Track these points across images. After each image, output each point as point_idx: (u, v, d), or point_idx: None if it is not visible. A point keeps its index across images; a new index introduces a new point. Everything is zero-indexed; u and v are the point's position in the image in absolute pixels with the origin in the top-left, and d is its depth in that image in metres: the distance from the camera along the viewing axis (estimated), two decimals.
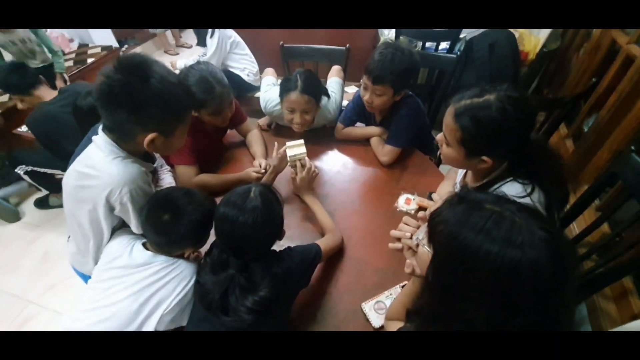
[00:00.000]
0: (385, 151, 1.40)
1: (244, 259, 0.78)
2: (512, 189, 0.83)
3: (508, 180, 0.85)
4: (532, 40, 2.16)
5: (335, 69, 1.69)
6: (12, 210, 2.19)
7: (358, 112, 1.51)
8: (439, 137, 0.91)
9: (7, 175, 2.28)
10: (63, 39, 3.20)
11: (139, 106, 0.76)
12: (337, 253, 1.08)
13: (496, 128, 0.77)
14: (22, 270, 1.94)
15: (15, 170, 1.95)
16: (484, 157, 0.82)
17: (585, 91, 1.76)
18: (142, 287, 0.84)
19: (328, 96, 1.50)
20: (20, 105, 1.86)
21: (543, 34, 2.20)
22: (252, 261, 0.79)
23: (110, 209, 0.86)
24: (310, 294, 0.99)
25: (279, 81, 1.47)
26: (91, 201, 0.84)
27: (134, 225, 0.90)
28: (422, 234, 0.62)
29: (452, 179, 1.24)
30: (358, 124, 1.56)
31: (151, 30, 3.93)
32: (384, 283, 1.00)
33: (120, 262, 0.88)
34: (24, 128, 2.31)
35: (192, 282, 0.88)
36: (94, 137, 0.86)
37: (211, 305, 0.78)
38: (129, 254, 0.88)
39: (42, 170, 1.96)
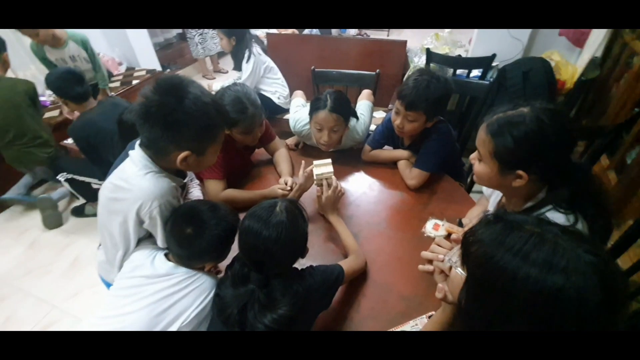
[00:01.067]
0: (413, 174, 1.36)
1: (265, 274, 0.77)
2: (553, 217, 0.77)
3: (549, 208, 0.79)
4: (570, 69, 2.10)
5: (366, 92, 1.71)
6: (59, 217, 2.30)
7: (387, 135, 1.50)
8: (472, 155, 0.88)
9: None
10: (113, 62, 3.48)
11: (173, 125, 0.79)
12: (361, 276, 1.04)
13: (531, 137, 0.73)
14: (52, 275, 2.01)
15: (57, 177, 2.08)
16: (520, 172, 0.77)
17: (627, 121, 1.66)
18: (162, 297, 0.83)
19: (357, 118, 1.51)
20: (66, 110, 2.02)
21: (581, 62, 2.14)
22: (273, 277, 0.77)
23: (140, 222, 0.88)
24: (330, 317, 0.94)
25: (308, 103, 1.50)
26: (122, 213, 0.86)
27: (160, 239, 0.91)
28: (455, 256, 0.58)
29: (484, 205, 1.18)
30: (386, 147, 1.55)
31: (194, 55, 4.21)
32: (409, 312, 0.94)
33: (142, 271, 0.88)
34: (69, 140, 2.48)
35: (212, 295, 0.87)
36: (130, 152, 0.89)
37: (229, 320, 0.76)
38: (151, 264, 0.89)
39: (81, 178, 2.08)
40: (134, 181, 0.85)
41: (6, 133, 1.99)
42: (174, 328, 0.82)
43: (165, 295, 0.84)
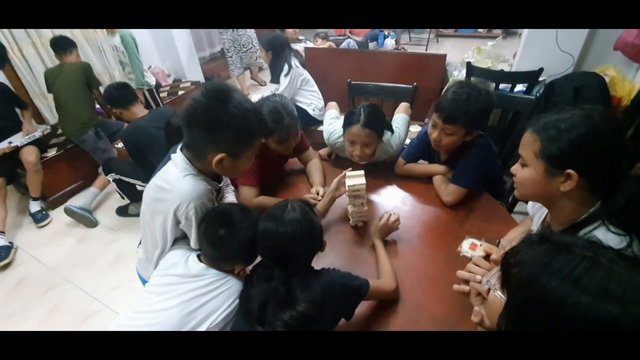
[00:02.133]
0: (449, 190, 1.31)
1: (286, 270, 0.80)
2: (605, 238, 0.70)
3: (598, 224, 0.72)
4: (626, 85, 1.94)
5: (404, 105, 1.68)
6: (90, 219, 2.48)
7: (422, 149, 1.46)
8: (514, 166, 0.84)
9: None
10: (162, 74, 3.75)
11: (215, 126, 0.83)
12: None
13: (579, 131, 0.70)
14: (96, 268, 2.15)
15: (107, 176, 2.24)
16: (569, 171, 0.72)
17: None
18: (193, 297, 0.86)
19: (392, 131, 1.49)
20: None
21: (639, 78, 1.97)
22: (294, 274, 0.80)
23: (177, 222, 0.92)
24: (354, 330, 0.92)
25: (342, 115, 1.50)
26: (163, 213, 0.91)
27: (193, 240, 0.94)
28: (494, 278, 0.54)
29: (527, 225, 1.10)
30: (421, 161, 1.51)
31: (231, 75, 4.42)
32: None
33: (176, 270, 0.92)
34: (119, 145, 2.69)
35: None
36: (172, 155, 0.94)
37: (249, 315, 0.79)
38: (185, 264, 0.92)
39: (127, 179, 2.23)
40: (174, 182, 0.89)
41: (66, 106, 2.47)
42: (202, 328, 0.83)
43: (196, 295, 0.86)
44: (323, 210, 1.28)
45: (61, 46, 2.52)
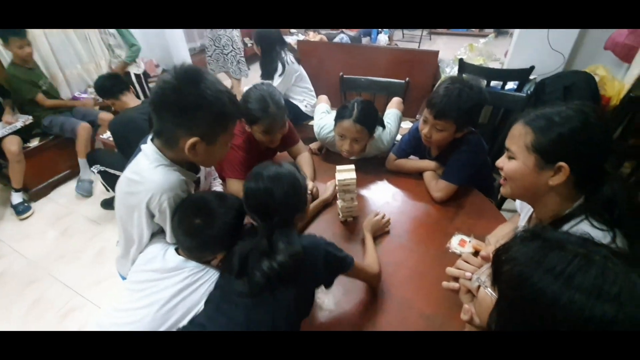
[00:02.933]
0: (439, 187, 1.30)
1: (269, 224, 0.80)
2: (590, 233, 0.69)
3: (581, 219, 0.72)
4: (616, 85, 1.96)
5: (396, 100, 1.67)
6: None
7: (413, 145, 1.45)
8: (500, 160, 0.84)
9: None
10: (150, 64, 3.66)
11: (185, 109, 0.79)
12: (379, 290, 0.99)
13: (575, 126, 0.70)
14: (79, 262, 2.09)
15: (91, 168, 2.18)
16: (561, 163, 0.72)
17: None
18: (173, 294, 0.83)
19: (384, 127, 1.47)
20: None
21: (628, 78, 1.99)
22: (277, 227, 0.80)
23: (151, 215, 0.88)
24: (343, 327, 0.91)
25: (333, 110, 1.48)
26: (137, 207, 0.87)
27: (169, 233, 0.91)
28: (484, 275, 0.53)
29: (515, 223, 1.10)
30: (412, 157, 1.50)
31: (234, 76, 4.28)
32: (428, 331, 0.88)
33: (154, 265, 0.88)
34: (106, 135, 2.61)
35: None
36: (142, 146, 0.90)
37: (232, 268, 0.80)
38: (163, 257, 0.89)
39: (112, 171, 2.17)
40: (145, 174, 0.85)
41: None
42: (184, 323, 0.81)
43: (176, 290, 0.83)
44: (314, 211, 1.28)
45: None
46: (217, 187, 1.38)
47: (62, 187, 2.73)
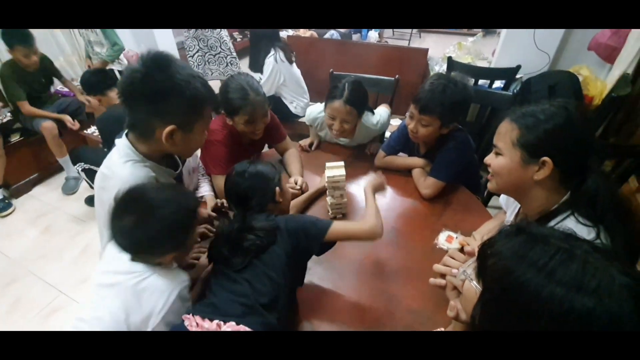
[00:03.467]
0: (427, 184, 1.32)
1: (245, 208, 0.90)
2: (575, 229, 0.71)
3: (568, 214, 0.75)
4: (598, 84, 2.01)
5: (383, 105, 1.76)
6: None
7: (402, 142, 1.46)
8: (488, 157, 0.86)
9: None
10: (137, 58, 3.57)
11: (157, 96, 0.76)
12: (366, 285, 1.00)
13: (558, 123, 0.73)
14: (63, 261, 2.04)
15: (75, 166, 2.12)
16: (545, 158, 0.74)
17: None
18: (124, 302, 0.73)
19: (372, 112, 1.55)
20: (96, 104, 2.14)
21: (611, 78, 2.04)
22: (252, 210, 0.89)
23: None
24: (331, 323, 0.91)
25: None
26: (108, 202, 0.79)
27: None
28: (470, 268, 0.53)
29: (501, 219, 1.13)
30: (401, 154, 1.51)
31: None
32: (416, 326, 0.89)
33: (112, 266, 0.80)
34: (90, 130, 2.55)
35: (175, 295, 0.76)
36: (117, 140, 0.88)
37: (220, 255, 0.85)
38: (119, 259, 0.78)
39: (97, 169, 2.11)
40: (115, 169, 0.84)
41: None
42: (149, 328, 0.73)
43: (126, 297, 0.74)
44: (308, 201, 1.29)
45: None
46: (205, 183, 1.37)
47: (44, 184, 2.66)
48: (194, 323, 0.73)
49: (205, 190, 1.33)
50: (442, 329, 0.85)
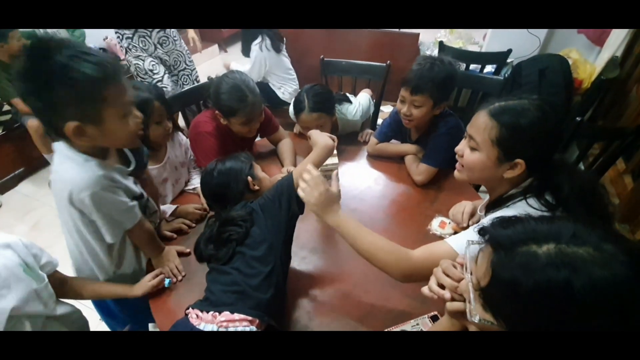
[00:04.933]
0: (420, 170, 1.32)
1: (222, 205, 0.94)
2: (530, 210, 0.73)
3: (519, 199, 0.76)
4: (588, 68, 2.02)
5: (363, 90, 1.77)
6: None
7: (394, 128, 1.46)
8: (459, 147, 0.86)
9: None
10: (119, 48, 3.46)
11: (43, 88, 0.65)
12: (362, 272, 1.01)
13: (537, 125, 0.72)
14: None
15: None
16: (519, 160, 0.74)
17: None
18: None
19: (349, 101, 1.54)
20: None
21: (599, 61, 2.06)
22: (228, 203, 0.93)
23: (80, 212, 0.83)
24: (330, 314, 0.92)
25: None
26: (66, 209, 0.82)
27: (107, 234, 0.87)
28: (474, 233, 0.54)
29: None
30: (393, 141, 1.51)
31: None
32: (410, 311, 0.91)
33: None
34: None
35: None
36: (54, 145, 0.80)
37: (207, 254, 0.89)
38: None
39: None
40: (57, 171, 0.79)
41: None
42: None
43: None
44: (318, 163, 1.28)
45: None
46: (196, 176, 1.35)
47: (30, 179, 2.59)
48: (194, 315, 0.80)
49: (197, 182, 1.31)
50: (436, 313, 0.88)
